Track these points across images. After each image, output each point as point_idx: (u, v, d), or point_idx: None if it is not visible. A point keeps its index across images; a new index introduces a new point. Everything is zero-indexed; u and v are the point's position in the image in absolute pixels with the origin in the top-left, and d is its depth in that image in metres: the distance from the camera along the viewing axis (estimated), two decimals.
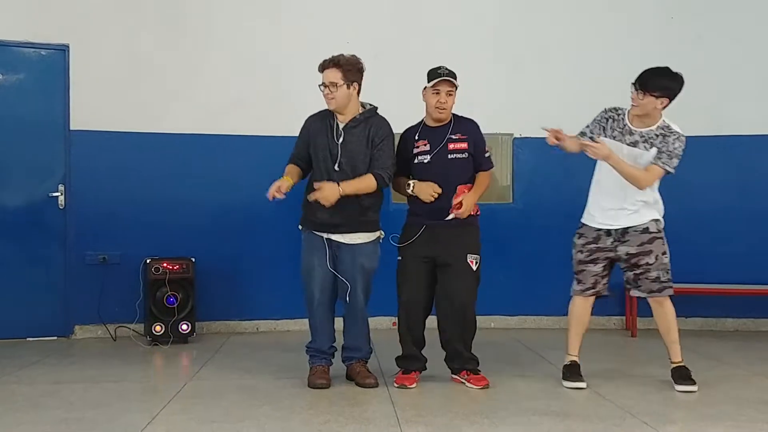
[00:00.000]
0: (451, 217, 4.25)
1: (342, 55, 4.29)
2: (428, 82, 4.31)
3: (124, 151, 6.03)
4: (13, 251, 5.81)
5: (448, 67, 4.35)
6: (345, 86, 4.22)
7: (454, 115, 4.40)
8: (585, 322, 4.44)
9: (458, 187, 4.27)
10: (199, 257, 5.81)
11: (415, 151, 4.34)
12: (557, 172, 6.15)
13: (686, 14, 6.41)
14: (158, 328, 5.58)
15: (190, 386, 4.38)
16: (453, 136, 4.32)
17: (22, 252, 5.83)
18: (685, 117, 6.26)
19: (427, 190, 4.25)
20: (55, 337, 5.87)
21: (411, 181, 4.31)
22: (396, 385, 4.33)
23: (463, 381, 4.37)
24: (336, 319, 4.48)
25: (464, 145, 4.31)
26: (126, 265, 5.90)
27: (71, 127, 5.91)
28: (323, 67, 4.27)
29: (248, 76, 6.19)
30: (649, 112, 4.26)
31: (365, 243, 4.30)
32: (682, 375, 4.30)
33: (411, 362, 4.42)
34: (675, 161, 4.24)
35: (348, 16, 6.27)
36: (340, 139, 4.24)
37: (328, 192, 4.11)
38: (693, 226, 6.36)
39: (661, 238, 4.36)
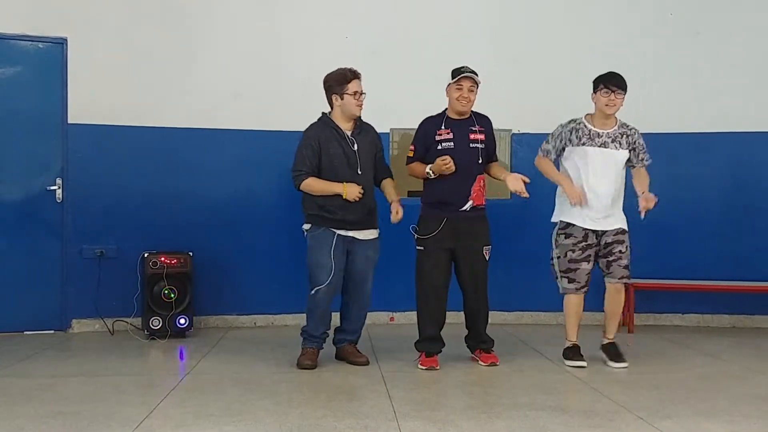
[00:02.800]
0: (469, 206, 4.62)
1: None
2: (452, 79, 4.65)
3: (122, 144, 6.02)
4: (11, 245, 5.81)
5: (471, 67, 4.66)
6: None
7: (472, 111, 4.77)
8: (581, 313, 4.79)
9: (477, 177, 4.67)
10: (196, 251, 5.81)
11: (438, 138, 4.68)
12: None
13: (685, 11, 6.41)
14: (156, 322, 5.59)
15: (187, 380, 4.39)
16: (473, 128, 4.72)
17: (19, 245, 5.83)
18: (682, 113, 6.33)
19: (438, 164, 4.55)
20: (53, 331, 5.87)
21: (428, 168, 4.62)
22: (423, 368, 4.61)
23: (477, 359, 4.77)
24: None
25: (482, 137, 4.73)
26: (123, 259, 5.90)
27: (69, 121, 5.90)
28: (356, 76, 4.62)
29: (246, 71, 6.18)
30: (619, 109, 4.66)
31: (374, 239, 4.75)
32: (616, 352, 4.75)
33: (434, 345, 4.72)
34: (647, 153, 4.80)
35: (347, 12, 6.27)
36: (356, 146, 4.64)
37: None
38: (690, 222, 6.39)
39: (628, 232, 4.74)
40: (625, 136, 4.70)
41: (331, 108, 4.69)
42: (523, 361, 4.84)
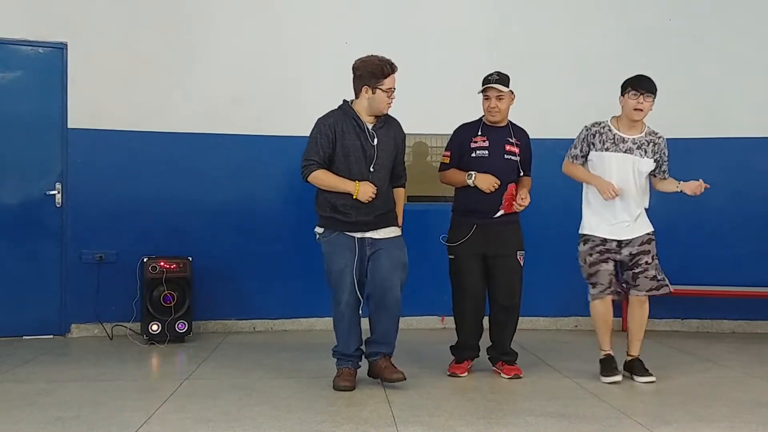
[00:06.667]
0: (500, 213, 4.54)
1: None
2: (481, 86, 4.58)
3: (122, 149, 6.02)
4: (10, 249, 5.81)
5: (502, 72, 4.59)
6: None
7: (510, 121, 4.69)
8: (610, 320, 4.62)
9: (509, 186, 4.57)
10: (196, 256, 5.80)
11: (473, 145, 4.59)
12: (554, 174, 6.15)
13: (684, 16, 6.42)
14: (155, 327, 5.58)
15: (186, 385, 4.38)
16: (510, 140, 4.63)
17: (18, 250, 5.83)
18: (682, 119, 6.33)
19: (489, 181, 4.50)
20: (52, 336, 5.86)
21: (472, 173, 4.52)
22: (448, 373, 4.58)
23: (499, 371, 4.65)
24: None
25: (517, 150, 4.63)
26: (123, 264, 5.89)
27: (69, 126, 5.91)
28: (394, 70, 4.24)
29: (246, 75, 6.19)
30: (647, 114, 4.46)
31: (397, 236, 4.34)
32: (641, 367, 4.55)
33: (467, 351, 4.66)
34: (668, 165, 4.62)
35: (346, 16, 6.28)
36: (375, 141, 4.25)
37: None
38: (690, 227, 6.38)
39: (654, 240, 4.57)
40: (652, 144, 4.48)
41: (356, 97, 4.28)
42: (522, 367, 4.82)
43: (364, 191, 4.16)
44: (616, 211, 4.47)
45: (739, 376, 4.73)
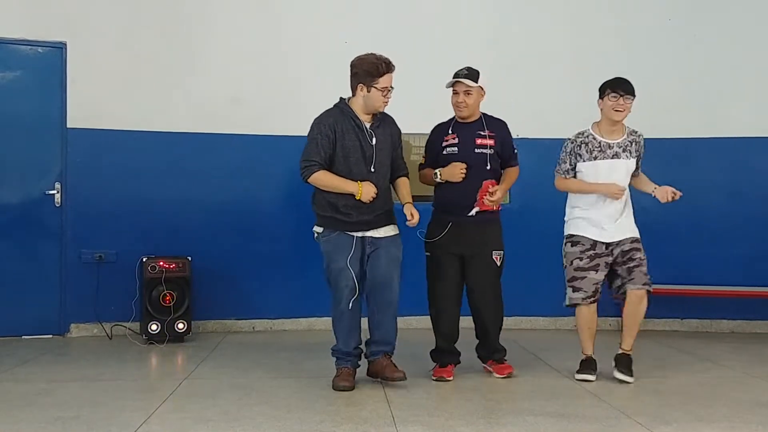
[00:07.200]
0: (475, 211, 4.47)
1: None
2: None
3: (121, 149, 6.03)
4: (9, 249, 5.81)
5: (472, 67, 4.55)
6: None
7: (484, 114, 4.63)
8: (594, 327, 4.59)
9: (484, 182, 4.47)
10: (195, 256, 5.81)
11: (444, 143, 4.57)
12: (552, 174, 6.17)
13: (683, 16, 6.43)
14: (154, 326, 5.58)
15: (185, 385, 4.38)
16: (482, 132, 4.55)
17: (17, 250, 5.83)
18: (682, 119, 6.33)
19: (453, 171, 4.46)
20: (51, 336, 5.86)
21: (437, 170, 4.53)
22: (434, 378, 4.48)
23: (490, 370, 4.63)
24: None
25: (491, 142, 4.55)
26: (122, 264, 5.90)
27: (68, 125, 5.91)
28: (390, 70, 4.22)
29: (246, 75, 6.19)
30: (626, 115, 4.50)
31: (395, 235, 4.34)
32: (626, 364, 4.50)
33: (446, 356, 4.58)
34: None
35: (346, 16, 6.28)
36: (374, 140, 4.23)
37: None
38: (689, 227, 6.38)
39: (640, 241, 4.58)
40: (634, 143, 4.52)
41: (353, 94, 4.27)
42: (521, 367, 4.82)
43: (367, 191, 4.15)
44: (601, 214, 4.47)
45: (739, 376, 4.73)
